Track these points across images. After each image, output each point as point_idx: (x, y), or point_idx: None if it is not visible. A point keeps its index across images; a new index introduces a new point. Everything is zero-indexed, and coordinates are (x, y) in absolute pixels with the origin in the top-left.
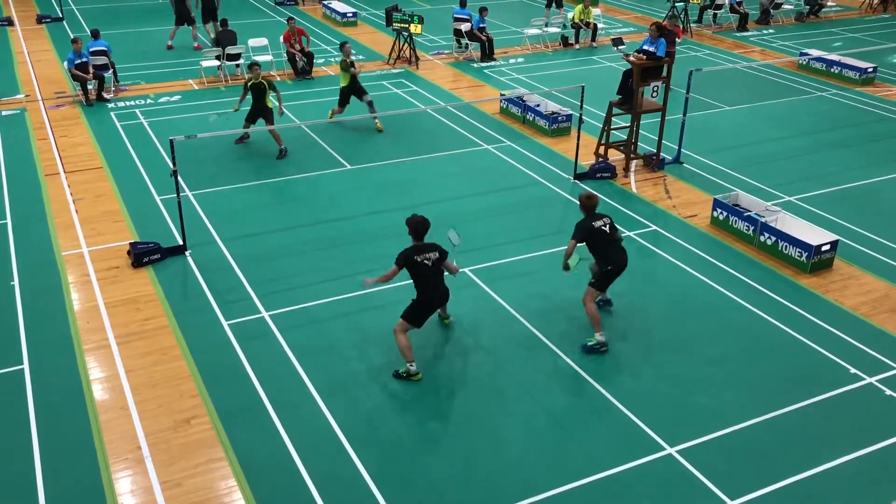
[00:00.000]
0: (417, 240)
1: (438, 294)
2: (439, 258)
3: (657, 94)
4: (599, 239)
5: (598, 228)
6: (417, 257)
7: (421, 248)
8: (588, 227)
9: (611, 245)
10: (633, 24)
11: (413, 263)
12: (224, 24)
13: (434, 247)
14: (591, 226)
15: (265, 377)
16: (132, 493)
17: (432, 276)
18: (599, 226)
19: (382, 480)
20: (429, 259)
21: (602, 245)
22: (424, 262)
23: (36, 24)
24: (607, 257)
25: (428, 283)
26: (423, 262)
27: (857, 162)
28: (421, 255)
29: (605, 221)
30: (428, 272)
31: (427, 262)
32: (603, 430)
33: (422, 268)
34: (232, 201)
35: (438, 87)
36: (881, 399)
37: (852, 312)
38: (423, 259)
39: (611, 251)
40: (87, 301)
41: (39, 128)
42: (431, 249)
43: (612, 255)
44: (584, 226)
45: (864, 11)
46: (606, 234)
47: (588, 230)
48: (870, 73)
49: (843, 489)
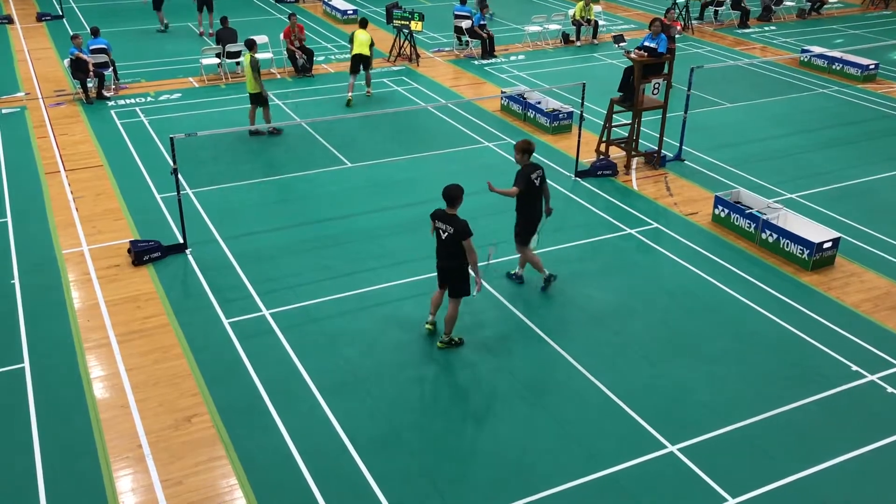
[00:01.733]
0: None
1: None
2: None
3: (658, 91)
4: (530, 188)
5: (531, 179)
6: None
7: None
8: (527, 176)
9: (537, 198)
10: (634, 21)
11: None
12: (224, 21)
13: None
14: (529, 176)
15: (266, 375)
16: (133, 491)
17: (442, 247)
18: (534, 177)
19: (383, 478)
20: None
21: (530, 196)
22: (535, 180)
23: (36, 21)
24: (531, 208)
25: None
26: (535, 180)
27: (858, 159)
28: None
29: (538, 173)
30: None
31: (442, 233)
32: (604, 428)
33: (436, 234)
34: (232, 199)
35: (439, 85)
36: (883, 396)
37: (854, 310)
38: (534, 177)
39: (535, 203)
40: (87, 299)
41: (39, 126)
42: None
43: (536, 207)
44: (525, 174)
45: (866, 8)
46: (535, 187)
47: (526, 178)
48: (871, 70)
49: (845, 487)
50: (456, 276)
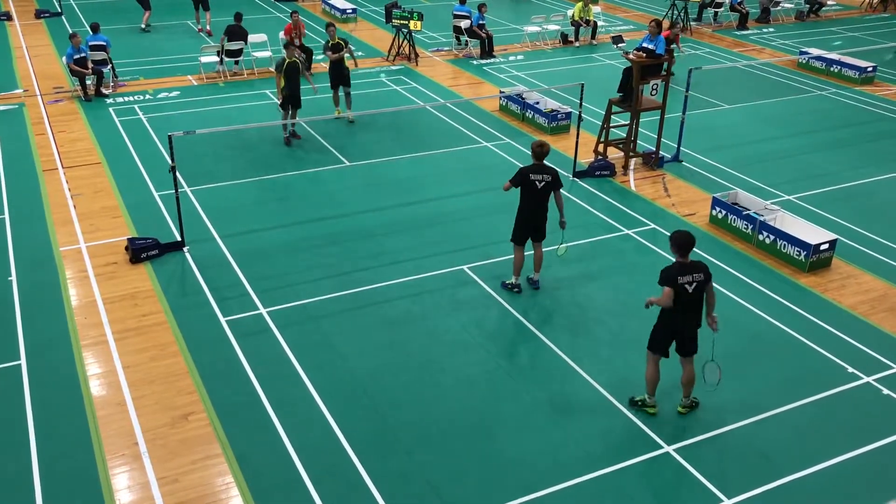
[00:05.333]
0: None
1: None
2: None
3: (656, 92)
4: (529, 188)
5: (531, 180)
6: (532, 175)
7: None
8: (524, 173)
9: (538, 201)
10: (633, 22)
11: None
12: (238, 18)
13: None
14: (527, 175)
15: (263, 374)
16: (129, 488)
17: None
18: (534, 179)
19: (379, 477)
20: (540, 181)
21: (528, 197)
22: (535, 182)
23: (35, 18)
24: (527, 209)
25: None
26: (535, 181)
27: (856, 161)
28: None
29: (542, 177)
30: (536, 193)
31: (538, 182)
32: (601, 428)
33: (531, 186)
34: (230, 197)
35: (438, 84)
36: (879, 398)
37: (850, 311)
38: (535, 179)
39: (533, 205)
40: (84, 297)
41: (38, 123)
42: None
43: (535, 210)
44: (522, 172)
45: (865, 10)
46: (536, 189)
47: (523, 176)
48: (869, 73)
49: (841, 488)
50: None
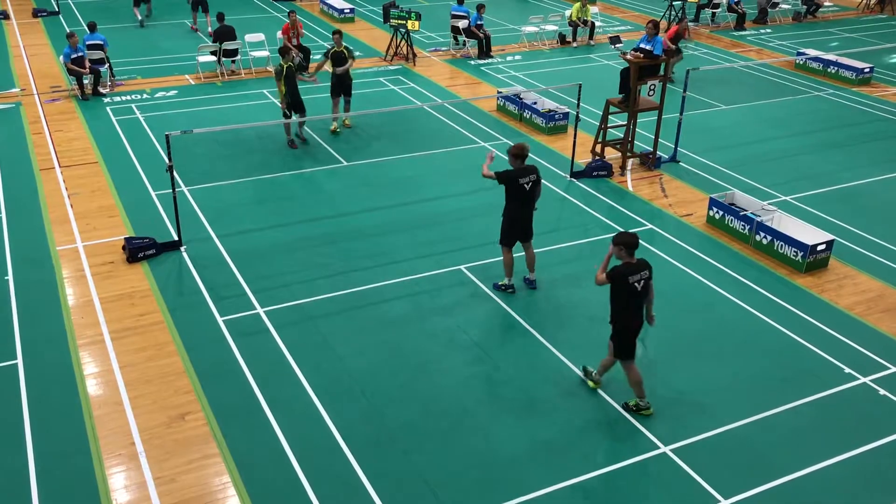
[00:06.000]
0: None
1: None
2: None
3: (654, 92)
4: (517, 192)
5: (520, 183)
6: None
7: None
8: (513, 176)
9: (524, 202)
10: (631, 23)
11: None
12: (221, 18)
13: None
14: (516, 178)
15: (260, 374)
16: (126, 488)
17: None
18: (523, 182)
19: (376, 477)
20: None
21: (516, 197)
22: (524, 185)
23: (32, 17)
24: (515, 211)
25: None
26: (524, 185)
27: (853, 162)
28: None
29: (529, 178)
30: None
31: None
32: (597, 428)
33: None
34: (228, 197)
35: (435, 84)
36: (875, 399)
37: (847, 312)
38: (523, 182)
39: (521, 207)
40: (81, 296)
41: (35, 122)
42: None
43: (522, 211)
44: (511, 176)
45: (862, 12)
46: (525, 191)
47: (512, 179)
48: (866, 74)
49: (837, 489)
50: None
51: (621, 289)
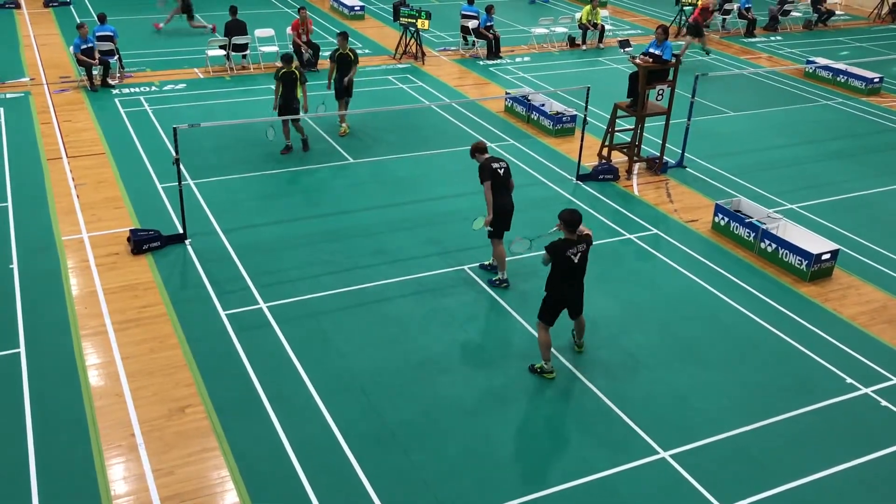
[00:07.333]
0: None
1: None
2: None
3: (662, 97)
4: (495, 180)
5: (495, 169)
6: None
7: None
8: (489, 168)
9: (503, 189)
10: (641, 27)
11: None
12: (233, 12)
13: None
14: (491, 166)
15: (261, 368)
16: (125, 479)
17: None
18: (496, 167)
19: (375, 475)
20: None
21: (497, 186)
22: (498, 170)
23: (43, 7)
24: (500, 199)
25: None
26: (497, 170)
27: (860, 172)
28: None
29: (500, 164)
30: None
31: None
32: (597, 432)
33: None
34: (233, 191)
35: (444, 84)
36: (876, 410)
37: (850, 322)
38: (497, 167)
39: (503, 194)
40: (85, 287)
41: (43, 112)
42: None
43: (504, 197)
44: (486, 167)
45: (873, 21)
46: (500, 177)
47: (490, 171)
48: (876, 84)
49: (836, 499)
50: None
51: (559, 262)
